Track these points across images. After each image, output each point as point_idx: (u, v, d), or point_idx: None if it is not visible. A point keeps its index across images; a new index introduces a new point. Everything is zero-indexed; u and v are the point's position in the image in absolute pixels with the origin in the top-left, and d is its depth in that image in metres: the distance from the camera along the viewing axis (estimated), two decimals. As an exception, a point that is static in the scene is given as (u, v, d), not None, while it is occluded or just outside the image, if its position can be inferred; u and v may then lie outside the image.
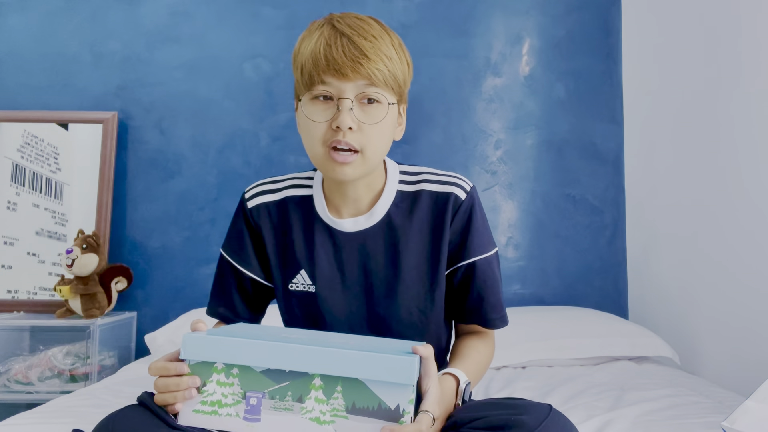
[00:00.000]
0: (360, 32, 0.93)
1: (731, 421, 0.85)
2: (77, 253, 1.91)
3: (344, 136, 0.92)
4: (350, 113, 0.91)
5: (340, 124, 0.91)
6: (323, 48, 0.92)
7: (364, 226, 1.02)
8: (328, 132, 0.93)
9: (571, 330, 1.79)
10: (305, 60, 0.94)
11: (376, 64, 0.91)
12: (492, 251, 1.06)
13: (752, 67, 1.58)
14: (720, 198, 1.71)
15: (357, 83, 0.92)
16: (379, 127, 0.94)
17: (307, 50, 0.94)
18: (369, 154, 0.94)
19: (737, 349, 1.63)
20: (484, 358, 1.05)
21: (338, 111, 0.92)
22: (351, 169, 0.94)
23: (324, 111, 0.93)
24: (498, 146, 2.25)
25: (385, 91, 0.94)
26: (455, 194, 1.03)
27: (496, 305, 1.06)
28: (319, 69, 0.91)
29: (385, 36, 0.95)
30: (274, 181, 1.10)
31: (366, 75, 0.91)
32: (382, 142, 0.96)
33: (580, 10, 2.28)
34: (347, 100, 0.91)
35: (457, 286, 1.05)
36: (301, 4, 2.24)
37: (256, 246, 1.08)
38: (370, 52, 0.91)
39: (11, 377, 1.87)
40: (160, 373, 0.79)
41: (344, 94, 0.92)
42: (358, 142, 0.93)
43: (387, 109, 0.95)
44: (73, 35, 2.25)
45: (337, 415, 0.74)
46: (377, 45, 0.93)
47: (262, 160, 2.22)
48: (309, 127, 0.95)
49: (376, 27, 0.95)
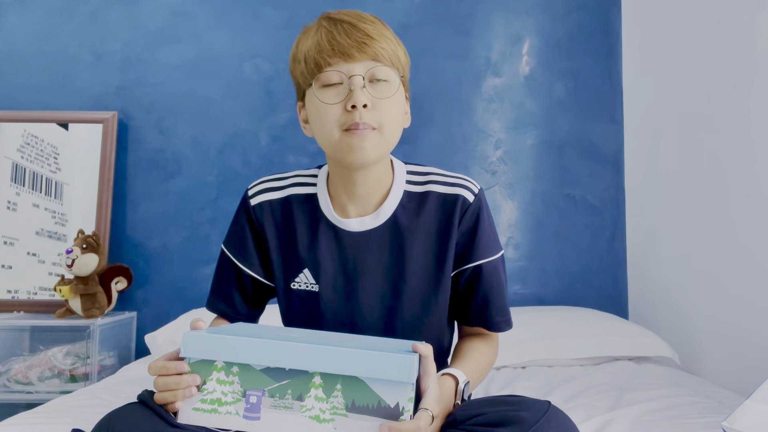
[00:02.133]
0: (358, 18, 0.95)
1: (731, 421, 0.85)
2: (77, 253, 1.91)
3: (360, 117, 0.91)
4: (363, 91, 0.92)
5: (355, 102, 0.91)
6: (326, 35, 0.93)
7: (370, 226, 1.01)
8: (343, 115, 0.92)
9: (571, 330, 1.79)
10: (308, 51, 0.94)
11: (380, 43, 0.93)
12: (498, 254, 1.06)
13: (752, 67, 1.58)
14: (720, 198, 1.71)
15: (365, 63, 0.93)
16: (392, 101, 0.94)
17: (308, 43, 0.95)
18: (386, 131, 0.94)
19: (737, 349, 1.63)
20: (485, 359, 1.05)
21: (351, 91, 0.92)
22: (370, 146, 0.93)
23: (336, 95, 0.93)
24: (498, 146, 2.25)
25: (391, 69, 0.95)
26: (463, 196, 1.02)
27: (501, 308, 1.05)
28: (324, 54, 0.92)
29: (381, 23, 0.97)
30: (278, 178, 1.09)
31: (372, 54, 0.92)
32: (398, 119, 0.97)
33: (580, 10, 2.28)
34: (358, 78, 0.92)
35: (462, 288, 1.05)
36: (301, 4, 2.24)
37: (258, 244, 1.07)
38: (373, 33, 0.93)
39: (11, 377, 1.87)
40: (159, 372, 0.79)
41: (354, 72, 0.92)
42: (375, 119, 0.93)
43: (397, 85, 0.96)
44: (73, 35, 2.25)
45: (336, 413, 0.74)
46: (378, 27, 0.95)
47: (262, 160, 2.22)
48: (322, 112, 0.94)
49: (371, 17, 0.97)
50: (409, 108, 1.03)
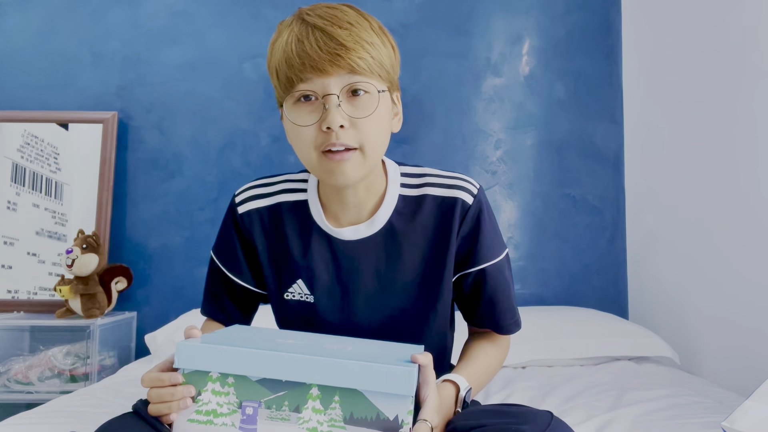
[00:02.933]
0: (333, 21, 0.84)
1: (731, 421, 0.85)
2: (77, 253, 1.91)
3: (337, 137, 0.84)
4: (339, 110, 0.83)
5: (330, 124, 0.83)
6: (295, 45, 0.84)
7: (364, 234, 0.96)
8: (319, 135, 0.85)
9: (571, 330, 1.79)
10: (278, 63, 0.86)
11: (356, 53, 0.83)
12: (502, 255, 1.01)
13: (752, 67, 1.58)
14: (720, 198, 1.71)
15: (340, 76, 0.84)
16: (373, 118, 0.86)
17: (278, 52, 0.86)
18: (369, 149, 0.86)
19: (737, 349, 1.63)
20: (492, 361, 1.02)
21: (325, 110, 0.84)
22: (351, 169, 0.86)
23: (310, 113, 0.85)
24: (498, 146, 2.25)
25: (372, 79, 0.86)
26: (462, 199, 0.96)
27: (508, 310, 1.01)
28: (295, 69, 0.84)
29: (363, 21, 0.87)
30: (266, 183, 1.03)
31: (347, 66, 0.83)
32: (381, 135, 0.88)
33: (580, 10, 2.28)
34: (333, 96, 0.83)
35: (467, 291, 1.01)
36: (301, 4, 2.23)
37: (247, 254, 1.03)
38: (348, 41, 0.83)
39: (11, 377, 1.87)
40: (153, 384, 0.76)
41: (328, 90, 0.84)
42: (354, 138, 0.85)
43: (378, 97, 0.86)
44: (73, 35, 2.25)
45: (334, 425, 0.73)
46: (355, 32, 0.84)
47: (262, 160, 2.22)
48: (297, 133, 0.87)
49: (351, 13, 0.87)
50: (401, 108, 0.97)
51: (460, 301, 1.04)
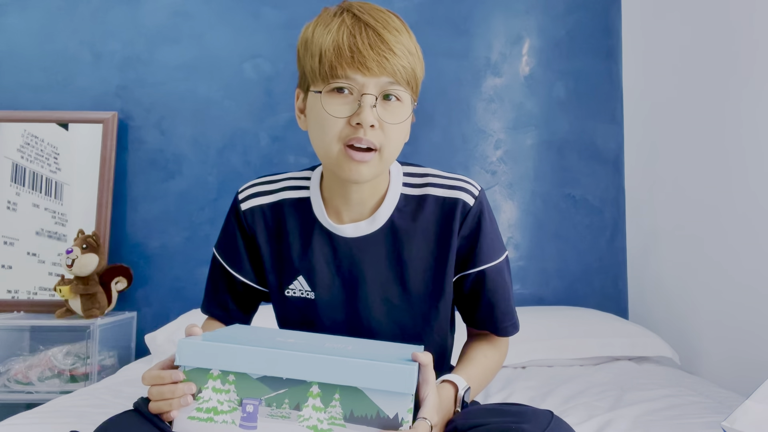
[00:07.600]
0: (384, 24, 0.87)
1: (731, 421, 0.85)
2: (77, 253, 1.91)
3: (365, 134, 0.86)
4: (373, 110, 0.86)
5: (362, 121, 0.85)
6: (347, 37, 0.85)
7: (365, 231, 0.97)
8: (345, 128, 0.87)
9: (571, 330, 1.79)
10: (325, 48, 0.86)
11: (401, 60, 0.86)
12: (502, 257, 1.01)
13: (752, 67, 1.58)
14: (720, 198, 1.71)
15: (380, 79, 0.86)
16: (400, 127, 0.89)
17: (326, 38, 0.87)
18: (386, 153, 0.89)
19: (737, 349, 1.63)
20: (491, 363, 1.02)
21: (360, 107, 0.86)
22: (367, 169, 0.88)
23: (343, 105, 0.87)
24: (498, 146, 2.25)
25: (407, 89, 0.89)
26: (463, 200, 0.97)
27: (507, 312, 1.02)
28: (343, 60, 0.85)
29: (406, 31, 0.90)
30: (269, 181, 1.04)
31: (391, 71, 0.86)
32: (400, 142, 0.92)
33: (580, 10, 2.28)
34: (370, 96, 0.86)
35: (466, 293, 1.01)
36: (301, 4, 2.24)
37: (250, 250, 1.04)
38: (396, 47, 0.86)
39: (11, 377, 1.87)
40: (154, 382, 0.76)
41: (367, 89, 0.86)
42: (378, 140, 0.87)
43: (409, 108, 0.90)
44: (73, 35, 2.25)
45: (334, 423, 0.73)
46: (401, 40, 0.87)
47: (262, 160, 2.22)
48: (325, 122, 0.88)
49: (396, 20, 0.90)
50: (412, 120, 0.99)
51: (459, 303, 1.05)
